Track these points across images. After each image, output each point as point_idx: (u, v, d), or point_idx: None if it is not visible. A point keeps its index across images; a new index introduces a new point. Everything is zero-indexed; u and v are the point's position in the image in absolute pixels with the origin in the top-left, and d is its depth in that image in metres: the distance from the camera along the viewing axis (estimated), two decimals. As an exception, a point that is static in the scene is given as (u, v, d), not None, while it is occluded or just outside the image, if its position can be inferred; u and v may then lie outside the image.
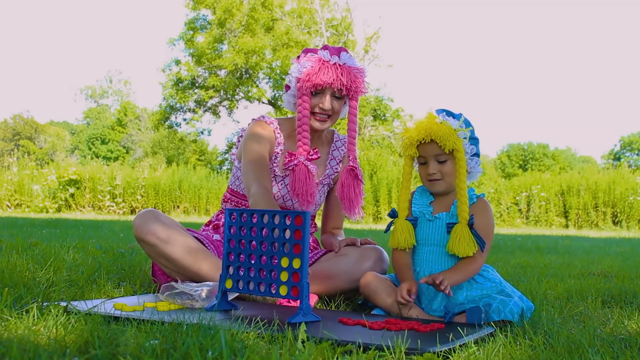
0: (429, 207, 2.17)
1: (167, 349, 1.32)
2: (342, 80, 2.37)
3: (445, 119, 2.09)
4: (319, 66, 2.36)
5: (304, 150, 2.39)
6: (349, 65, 2.41)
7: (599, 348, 1.56)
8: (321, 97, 2.41)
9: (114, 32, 78.85)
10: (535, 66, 75.11)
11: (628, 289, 2.82)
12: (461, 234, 2.04)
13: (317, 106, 2.42)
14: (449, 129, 2.06)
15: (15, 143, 39.10)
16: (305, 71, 2.37)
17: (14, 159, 17.49)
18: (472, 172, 2.16)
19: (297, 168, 2.38)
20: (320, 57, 2.38)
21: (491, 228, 2.11)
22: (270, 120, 2.56)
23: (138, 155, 36.57)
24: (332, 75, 2.36)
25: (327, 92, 2.41)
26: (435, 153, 2.09)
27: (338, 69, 2.37)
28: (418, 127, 2.08)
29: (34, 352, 1.28)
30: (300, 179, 2.38)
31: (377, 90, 24.77)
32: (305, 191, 2.38)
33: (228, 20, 23.05)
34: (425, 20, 71.50)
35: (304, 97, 2.39)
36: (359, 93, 2.43)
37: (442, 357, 1.52)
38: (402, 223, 2.15)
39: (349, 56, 2.43)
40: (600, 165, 35.10)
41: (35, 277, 2.37)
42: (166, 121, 26.48)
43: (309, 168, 2.39)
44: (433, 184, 2.14)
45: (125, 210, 15.51)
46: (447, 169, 2.10)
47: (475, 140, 2.16)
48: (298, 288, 1.89)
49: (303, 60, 2.41)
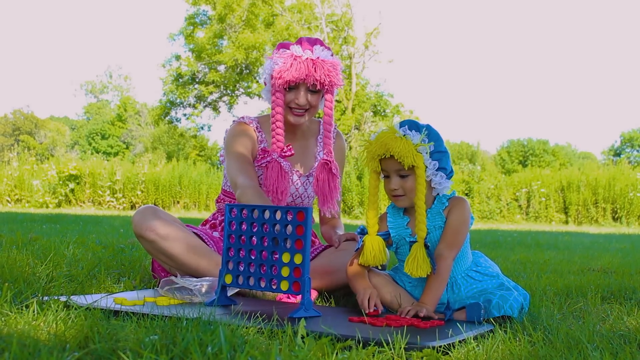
0: (406, 229, 2.11)
1: (166, 344, 1.33)
2: (315, 75, 2.35)
3: (406, 132, 2.00)
4: (290, 62, 2.35)
5: (278, 147, 2.39)
6: (323, 59, 2.38)
7: (598, 344, 1.56)
8: (296, 93, 2.41)
9: (114, 28, 78.81)
10: (535, 62, 75.09)
11: (628, 285, 2.83)
12: (415, 254, 1.97)
13: (292, 102, 2.42)
14: (407, 144, 1.97)
15: (15, 138, 39.07)
16: (277, 68, 2.37)
17: (14, 154, 17.47)
18: (438, 188, 2.07)
19: (270, 165, 2.38)
20: (292, 53, 2.37)
21: (461, 224, 2.04)
22: (250, 120, 2.57)
23: (138, 150, 36.54)
24: (305, 70, 2.34)
25: (302, 88, 2.40)
26: (396, 168, 2.02)
27: (310, 63, 2.36)
28: (377, 141, 2.00)
29: (34, 347, 1.28)
30: (272, 176, 2.38)
31: (377, 86, 24.76)
32: (277, 188, 2.39)
33: (228, 16, 23.02)
34: (426, 16, 71.43)
35: (278, 94, 2.39)
36: (334, 86, 2.41)
37: (442, 352, 1.52)
38: (372, 240, 2.07)
39: (323, 49, 2.40)
40: (600, 161, 35.10)
41: (35, 272, 2.37)
42: (166, 116, 26.47)
43: (281, 165, 2.39)
44: (397, 199, 2.07)
45: (125, 206, 15.51)
46: (410, 184, 2.03)
47: (442, 154, 2.06)
48: (299, 283, 1.90)
49: (275, 57, 2.41)
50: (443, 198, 2.09)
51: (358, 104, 23.44)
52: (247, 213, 2.05)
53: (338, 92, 4.08)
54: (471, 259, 2.16)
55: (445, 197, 2.10)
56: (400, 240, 2.13)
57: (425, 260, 1.96)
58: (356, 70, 23.59)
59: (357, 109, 23.38)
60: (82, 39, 77.67)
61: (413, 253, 1.98)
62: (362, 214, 14.79)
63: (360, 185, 15.35)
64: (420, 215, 1.98)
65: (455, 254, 2.02)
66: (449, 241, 2.02)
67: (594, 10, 74.17)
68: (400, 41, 60.92)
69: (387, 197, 2.12)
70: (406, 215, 2.13)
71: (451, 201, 2.09)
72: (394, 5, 55.77)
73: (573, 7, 74.94)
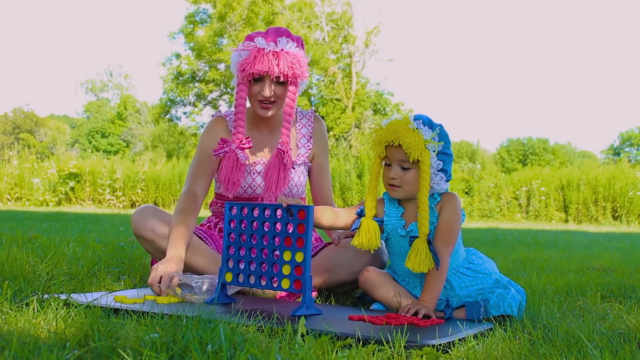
0: (400, 220, 2.10)
1: (166, 342, 1.33)
2: (278, 68, 2.34)
3: (419, 126, 2.00)
4: (254, 55, 2.35)
5: (237, 139, 2.39)
6: (287, 51, 2.37)
7: (598, 342, 1.56)
8: (261, 85, 2.40)
9: (114, 26, 78.78)
10: (535, 61, 75.05)
11: (627, 283, 2.83)
12: (418, 249, 1.96)
13: (259, 94, 2.41)
14: (418, 137, 1.97)
15: (15, 136, 39.05)
16: (240, 61, 2.37)
17: (14, 152, 17.47)
18: (435, 187, 2.06)
19: (227, 155, 2.39)
20: (255, 45, 2.37)
21: (453, 221, 2.03)
22: (226, 114, 2.57)
23: (138, 148, 36.52)
24: (267, 63, 2.33)
25: (266, 80, 2.39)
26: (400, 158, 2.01)
27: (273, 56, 2.35)
28: (389, 128, 2.00)
29: (34, 345, 1.28)
30: (227, 167, 2.39)
31: (377, 84, 24.76)
32: (229, 179, 2.39)
33: (228, 14, 23.01)
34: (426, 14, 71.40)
35: (241, 86, 2.39)
36: (297, 78, 2.40)
37: (442, 351, 1.52)
38: (369, 222, 2.06)
39: (288, 41, 2.39)
40: (600, 160, 35.08)
41: (35, 271, 2.37)
42: (166, 115, 26.47)
43: (238, 156, 2.39)
44: (392, 189, 2.06)
45: (125, 204, 15.51)
46: (409, 177, 2.02)
47: (447, 156, 2.06)
48: (301, 281, 1.90)
49: (240, 49, 2.40)
50: (435, 194, 2.09)
51: (358, 102, 23.44)
52: (247, 211, 2.05)
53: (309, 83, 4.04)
54: (464, 255, 2.15)
55: (437, 193, 2.09)
56: (393, 231, 2.11)
57: (427, 256, 1.95)
58: (356, 68, 23.59)
59: (357, 107, 23.38)
60: (83, 38, 77.71)
61: (415, 249, 1.97)
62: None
63: (360, 183, 15.34)
64: (423, 211, 1.97)
65: (451, 250, 2.02)
66: (443, 238, 2.02)
67: (593, 10, 74.19)
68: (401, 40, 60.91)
69: (384, 185, 2.11)
70: (401, 206, 2.12)
71: (443, 197, 2.08)
72: (394, 3, 55.79)
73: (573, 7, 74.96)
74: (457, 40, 75.11)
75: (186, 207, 2.37)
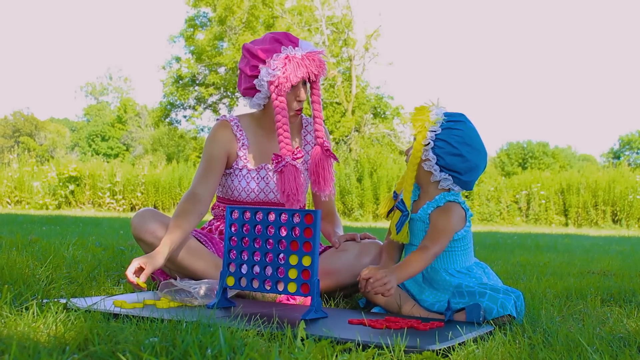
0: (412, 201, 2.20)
1: (166, 346, 1.33)
2: (313, 70, 2.41)
3: (434, 110, 2.12)
4: (290, 65, 2.37)
5: (288, 151, 2.39)
6: (311, 51, 2.42)
7: (598, 346, 1.56)
8: (295, 91, 2.43)
9: (114, 29, 78.88)
10: (534, 64, 75.14)
11: (627, 287, 2.82)
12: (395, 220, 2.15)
13: (293, 100, 2.44)
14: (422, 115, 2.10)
15: (15, 140, 39.06)
16: (279, 74, 2.37)
17: (14, 155, 17.47)
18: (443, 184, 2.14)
19: (286, 169, 2.38)
20: (286, 55, 2.39)
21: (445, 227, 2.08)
22: (231, 118, 2.57)
23: (138, 152, 36.53)
24: (304, 69, 2.38)
25: (300, 85, 2.43)
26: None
27: (305, 60, 2.39)
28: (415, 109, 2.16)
29: (34, 349, 1.28)
30: (289, 180, 2.38)
31: (377, 88, 24.78)
32: (296, 190, 2.38)
33: (228, 18, 23.05)
34: (426, 18, 71.48)
35: (280, 98, 2.38)
36: (323, 75, 2.46)
37: (442, 355, 1.52)
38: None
39: (306, 42, 2.46)
40: (600, 163, 35.07)
41: (35, 274, 2.37)
42: (166, 118, 26.49)
43: (297, 167, 2.39)
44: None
45: (125, 208, 15.51)
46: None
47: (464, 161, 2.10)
48: (308, 285, 1.90)
49: (271, 63, 2.40)
50: (442, 199, 2.11)
51: (358, 106, 23.46)
52: (250, 215, 2.05)
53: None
54: (469, 264, 2.16)
55: (445, 199, 2.11)
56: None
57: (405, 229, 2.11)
58: (356, 72, 23.61)
59: (357, 111, 23.40)
60: (83, 41, 77.78)
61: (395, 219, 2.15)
62: (362, 216, 14.80)
63: (360, 187, 15.34)
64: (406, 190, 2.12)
65: (438, 250, 2.05)
66: (430, 237, 2.08)
67: (593, 13, 74.32)
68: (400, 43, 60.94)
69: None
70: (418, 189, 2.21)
71: (445, 204, 2.13)
72: (394, 7, 55.86)
73: (572, 10, 75.10)
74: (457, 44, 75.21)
75: (184, 209, 2.37)
